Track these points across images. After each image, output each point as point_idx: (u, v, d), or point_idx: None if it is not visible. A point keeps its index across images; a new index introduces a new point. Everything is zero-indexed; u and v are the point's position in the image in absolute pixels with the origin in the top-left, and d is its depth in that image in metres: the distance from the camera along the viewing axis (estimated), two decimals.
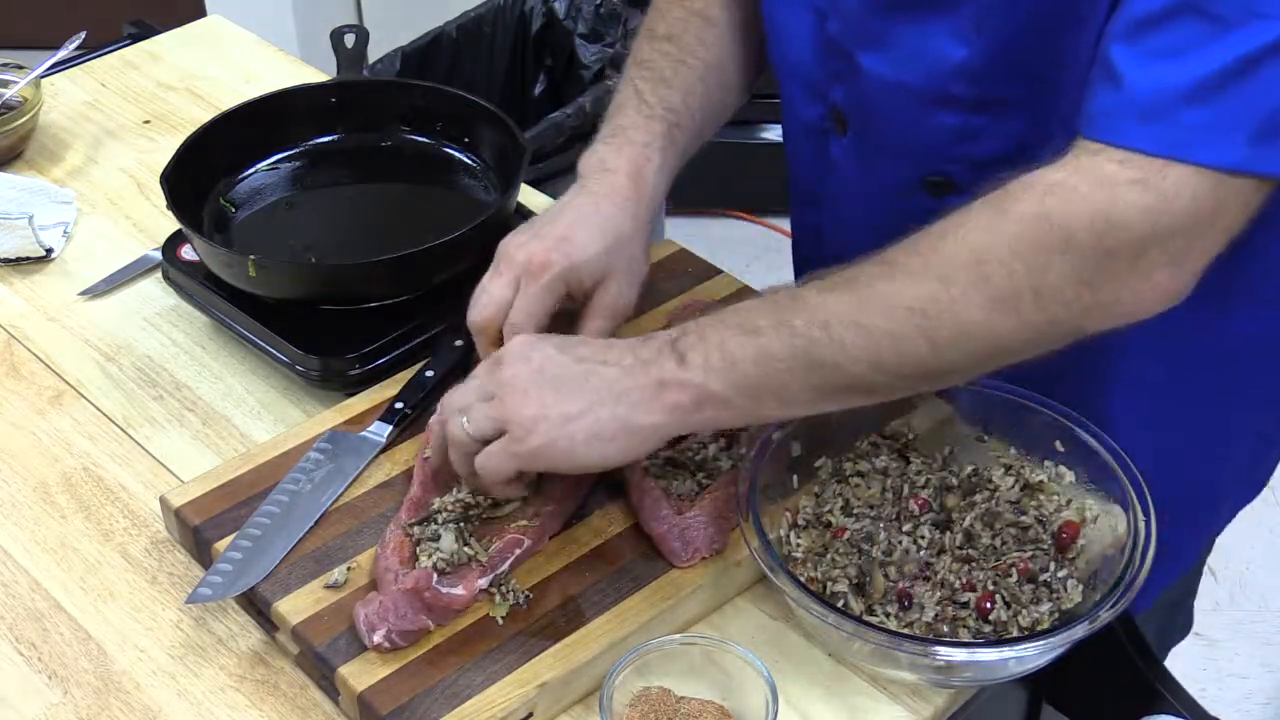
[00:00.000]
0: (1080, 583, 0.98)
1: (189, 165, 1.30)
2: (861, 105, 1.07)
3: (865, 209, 1.13)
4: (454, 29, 2.22)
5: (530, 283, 1.05)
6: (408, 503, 1.04)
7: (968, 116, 1.02)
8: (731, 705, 0.95)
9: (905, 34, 1.01)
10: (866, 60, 1.04)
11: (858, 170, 1.11)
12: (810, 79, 1.11)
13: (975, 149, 1.03)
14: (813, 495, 1.05)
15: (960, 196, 1.01)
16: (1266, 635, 2.29)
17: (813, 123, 1.14)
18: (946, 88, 1.01)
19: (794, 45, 1.12)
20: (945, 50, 0.99)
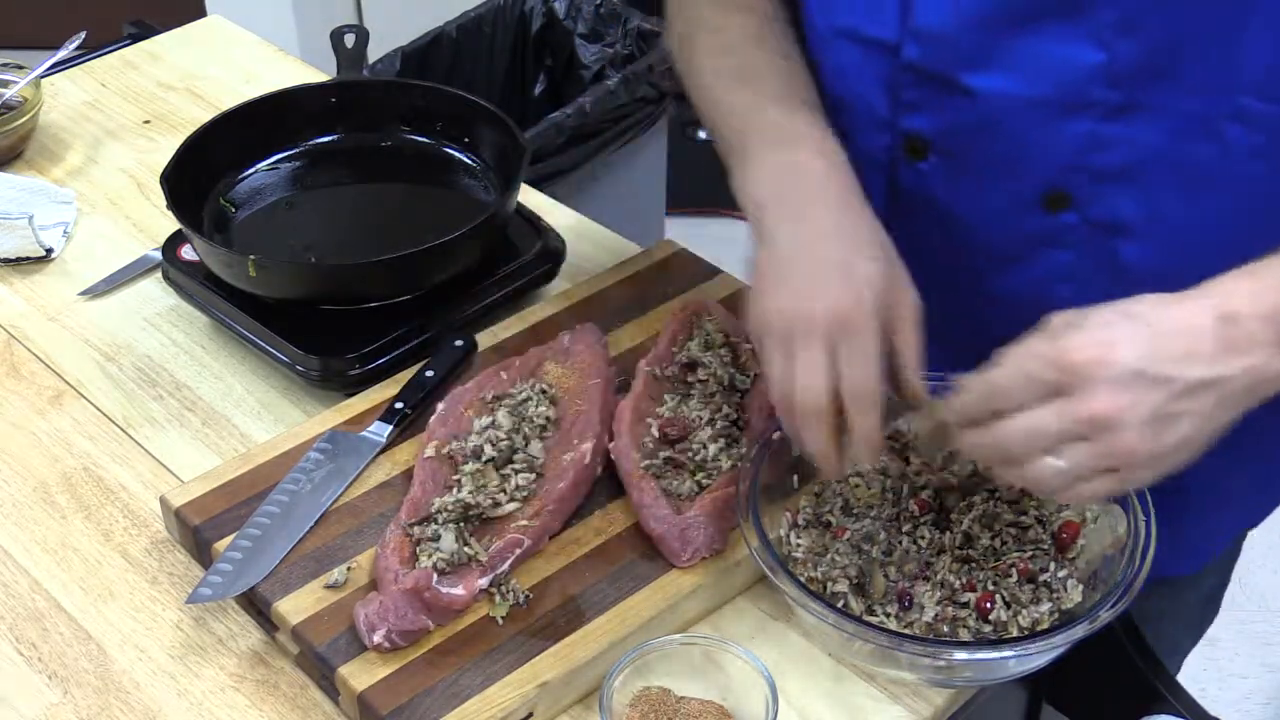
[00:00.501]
0: (1080, 583, 0.98)
1: (189, 165, 1.30)
2: (958, 128, 1.01)
3: (946, 232, 1.07)
4: (454, 29, 2.22)
5: (852, 337, 0.91)
6: (408, 503, 1.04)
7: (1097, 124, 0.96)
8: (731, 705, 0.95)
9: (1024, 46, 0.95)
10: (973, 80, 0.97)
11: (945, 194, 1.05)
12: (871, 112, 1.05)
13: (1101, 159, 0.98)
14: (812, 495, 1.05)
15: (1074, 212, 1.00)
16: (1266, 635, 2.29)
17: (874, 154, 1.07)
18: (1078, 95, 0.95)
19: (851, 80, 1.06)
20: (1077, 56, 0.94)
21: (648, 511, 1.02)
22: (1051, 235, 1.02)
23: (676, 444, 1.08)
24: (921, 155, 1.05)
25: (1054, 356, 0.82)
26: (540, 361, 1.16)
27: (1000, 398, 0.84)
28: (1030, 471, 0.84)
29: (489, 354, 1.20)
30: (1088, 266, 1.03)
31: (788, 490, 1.04)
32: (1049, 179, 1.00)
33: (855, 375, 0.91)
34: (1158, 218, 0.99)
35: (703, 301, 1.22)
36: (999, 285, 1.07)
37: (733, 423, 1.09)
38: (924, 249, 1.05)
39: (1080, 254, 1.03)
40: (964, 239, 1.07)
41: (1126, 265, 1.02)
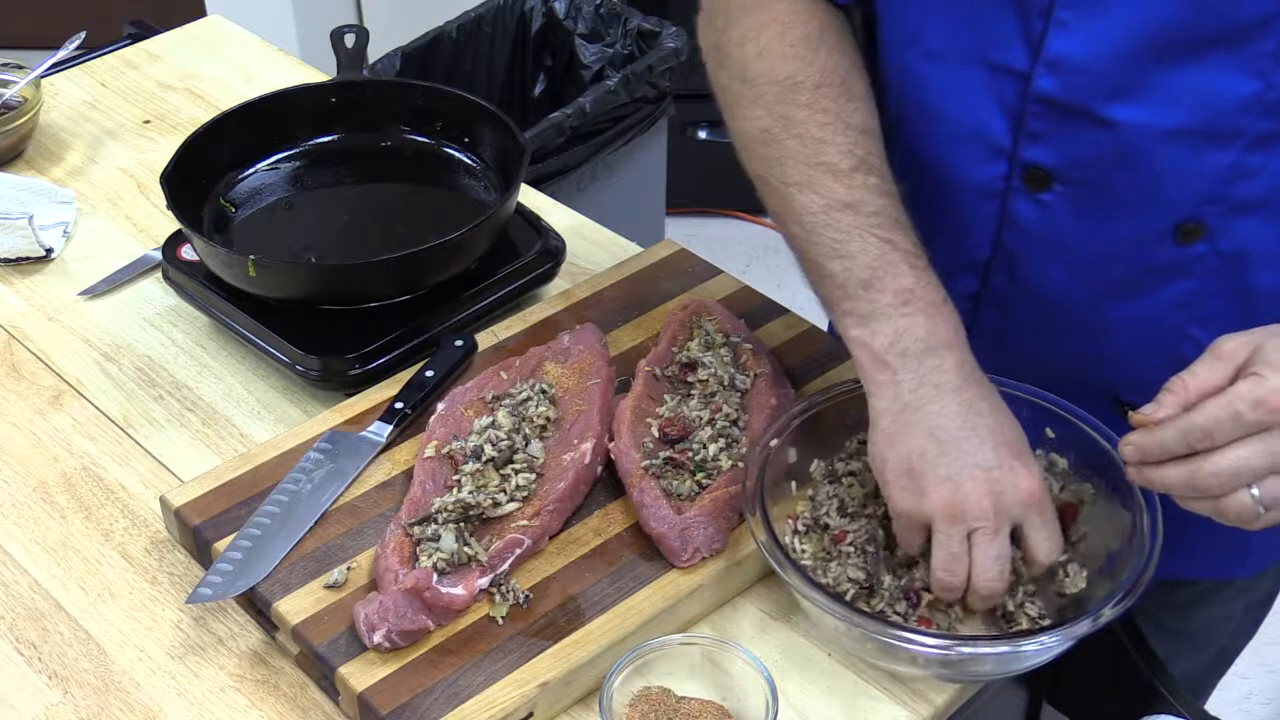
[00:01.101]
0: (1084, 567, 0.98)
1: (189, 165, 1.30)
2: (1091, 159, 1.00)
3: (1067, 266, 1.05)
4: (454, 29, 2.22)
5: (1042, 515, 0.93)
6: (408, 503, 1.04)
7: (1243, 155, 0.96)
8: (731, 705, 0.95)
9: (1175, 77, 0.94)
10: (1114, 112, 0.96)
11: (1068, 226, 1.03)
12: (988, 141, 1.03)
13: (1240, 189, 0.97)
14: (808, 500, 1.05)
15: (1206, 243, 1.00)
16: (1267, 635, 2.28)
17: (987, 184, 1.05)
18: (1229, 124, 0.95)
19: (963, 108, 1.03)
20: (1232, 86, 0.93)
21: (648, 511, 1.02)
22: (1179, 266, 1.01)
23: (676, 444, 1.08)
24: (1044, 186, 1.02)
25: (1267, 400, 0.84)
26: (540, 361, 1.16)
27: (1203, 438, 0.85)
28: (1227, 504, 0.86)
29: (489, 354, 1.20)
30: (1210, 295, 1.03)
31: (785, 496, 1.04)
32: (1186, 211, 0.99)
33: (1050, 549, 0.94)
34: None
35: (703, 301, 1.22)
36: (1115, 314, 1.06)
37: (733, 423, 1.09)
38: (1035, 279, 1.04)
39: (1204, 283, 1.02)
40: (1083, 271, 1.05)
41: (1252, 293, 1.02)
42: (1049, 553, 0.94)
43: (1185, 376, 0.87)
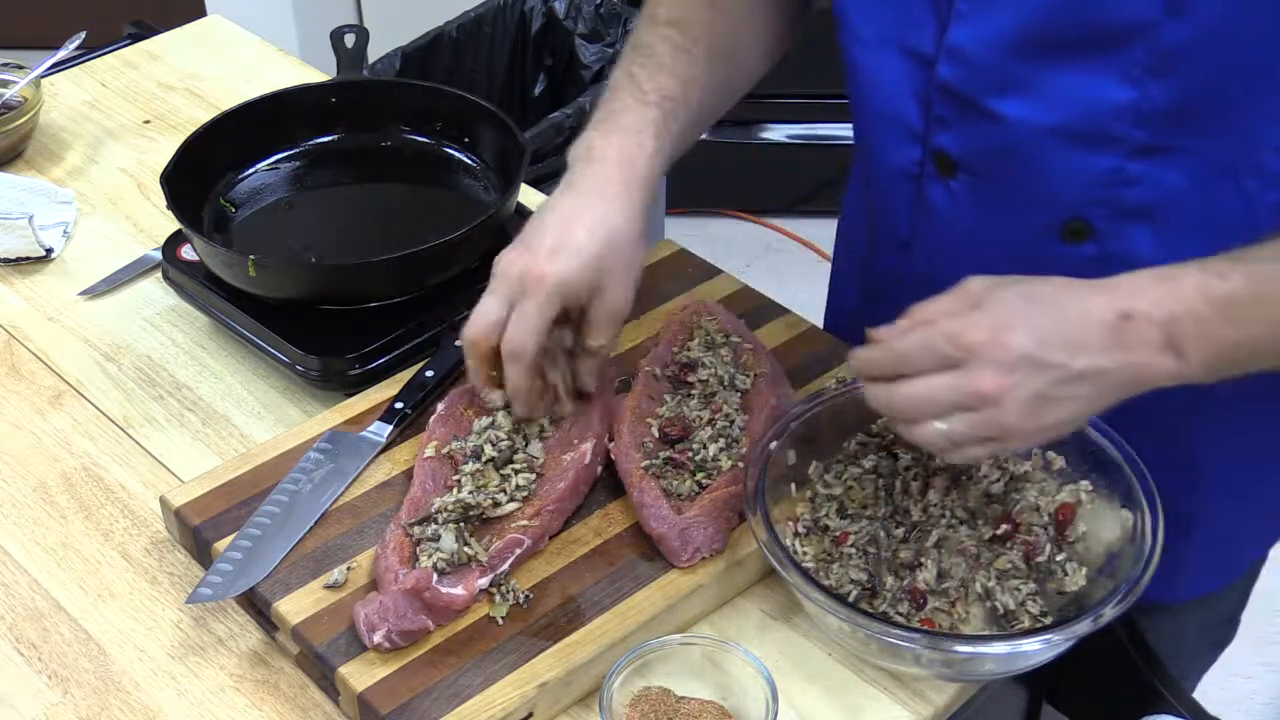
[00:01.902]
0: (1083, 565, 0.99)
1: (189, 165, 1.30)
2: (985, 151, 1.03)
3: (970, 253, 1.06)
4: (454, 29, 2.22)
5: (524, 301, 1.02)
6: (408, 503, 1.03)
7: (1124, 161, 0.97)
8: (731, 705, 0.95)
9: (1055, 76, 0.96)
10: (1001, 106, 0.99)
11: (970, 214, 1.07)
12: (903, 124, 1.06)
13: (1126, 194, 0.99)
14: (808, 501, 1.05)
15: (1095, 245, 1.01)
16: (1268, 635, 2.29)
17: (905, 167, 1.09)
18: (1104, 130, 0.96)
19: (885, 91, 1.07)
20: (1107, 92, 0.95)
21: (648, 511, 1.02)
22: (1069, 266, 1.01)
23: (676, 444, 1.08)
24: (951, 173, 1.05)
25: (955, 334, 0.88)
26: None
27: (902, 363, 0.90)
28: (918, 431, 0.90)
29: None
30: None
31: (786, 498, 1.04)
32: (1069, 209, 1.01)
33: (513, 330, 1.02)
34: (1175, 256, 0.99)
35: (703, 301, 1.22)
36: None
37: (733, 423, 1.09)
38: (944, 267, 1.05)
39: None
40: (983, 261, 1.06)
41: None
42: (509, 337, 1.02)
43: (924, 304, 0.91)
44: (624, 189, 1.05)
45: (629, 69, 1.10)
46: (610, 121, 1.08)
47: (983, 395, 0.86)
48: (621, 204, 1.05)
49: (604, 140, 1.07)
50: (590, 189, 1.05)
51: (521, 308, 1.02)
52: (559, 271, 1.01)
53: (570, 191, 1.06)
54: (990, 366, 0.86)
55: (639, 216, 1.06)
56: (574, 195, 1.05)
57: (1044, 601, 0.98)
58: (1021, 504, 1.02)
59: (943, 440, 0.89)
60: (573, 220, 1.03)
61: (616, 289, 1.04)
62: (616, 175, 1.05)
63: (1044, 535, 1.00)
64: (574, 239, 1.02)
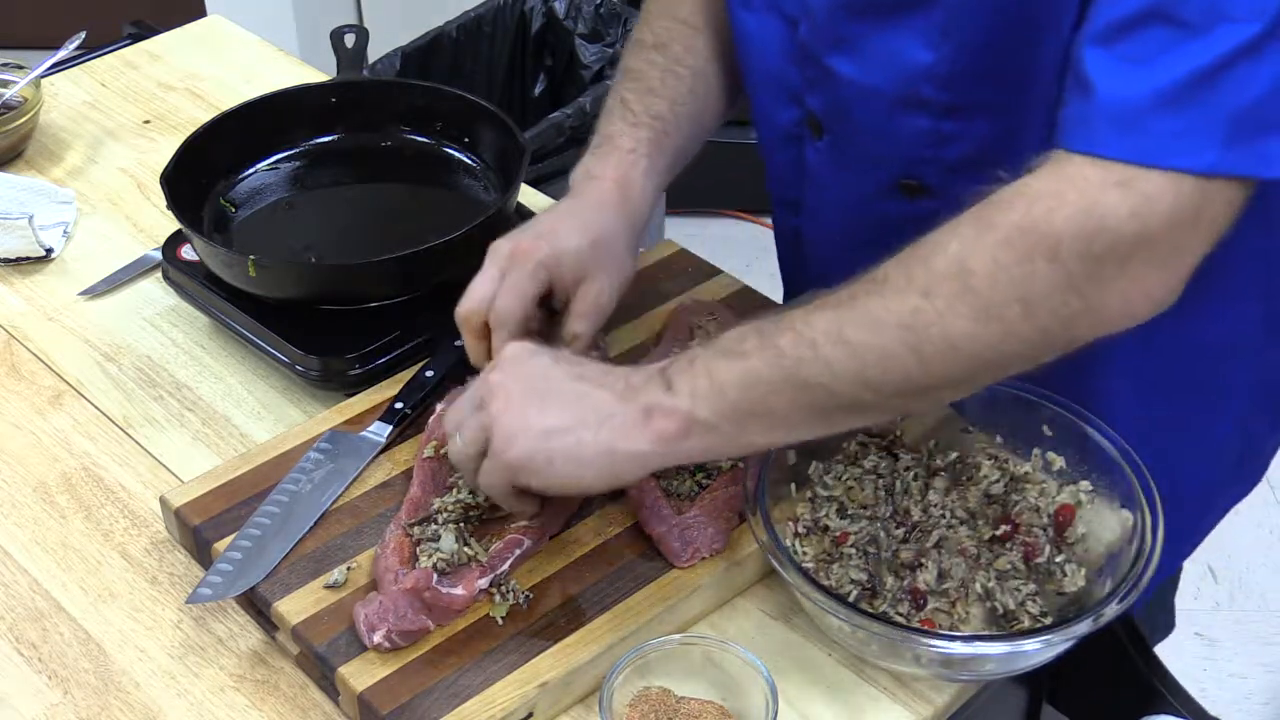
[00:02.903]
0: (1082, 566, 0.99)
1: (189, 165, 1.30)
2: (835, 110, 1.08)
3: (841, 213, 1.14)
4: (454, 29, 2.22)
5: (513, 269, 1.05)
6: (408, 503, 1.04)
7: (937, 121, 1.02)
8: (731, 705, 0.95)
9: (874, 38, 1.01)
10: (837, 64, 1.04)
11: (834, 174, 1.12)
12: (784, 84, 1.11)
13: (946, 152, 1.03)
14: (808, 502, 1.05)
15: (934, 200, 1.04)
16: (1266, 635, 2.29)
17: (787, 128, 1.14)
18: (916, 92, 1.01)
19: (765, 52, 1.11)
20: (914, 54, 0.99)
21: (648, 511, 1.02)
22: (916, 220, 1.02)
23: None
24: (819, 133, 1.10)
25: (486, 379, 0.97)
26: None
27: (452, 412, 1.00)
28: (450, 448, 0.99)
29: None
30: None
31: (786, 498, 1.04)
32: (902, 167, 1.05)
33: (501, 298, 1.05)
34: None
35: (703, 301, 1.22)
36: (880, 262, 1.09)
37: None
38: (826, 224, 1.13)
39: None
40: (851, 218, 1.12)
41: None
42: (500, 302, 1.05)
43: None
44: (620, 202, 1.10)
45: (620, 94, 1.16)
46: (606, 145, 1.13)
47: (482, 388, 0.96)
48: (615, 213, 1.09)
49: (600, 163, 1.12)
50: (586, 199, 1.10)
51: (509, 277, 1.05)
52: (547, 247, 1.05)
53: (567, 200, 1.11)
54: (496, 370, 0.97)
55: (632, 229, 1.10)
56: (569, 202, 1.11)
57: (1044, 602, 0.98)
58: (1021, 505, 1.02)
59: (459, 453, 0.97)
60: (565, 218, 1.08)
61: (602, 283, 1.07)
62: (613, 189, 1.10)
63: (1043, 536, 1.01)
64: (564, 230, 1.07)
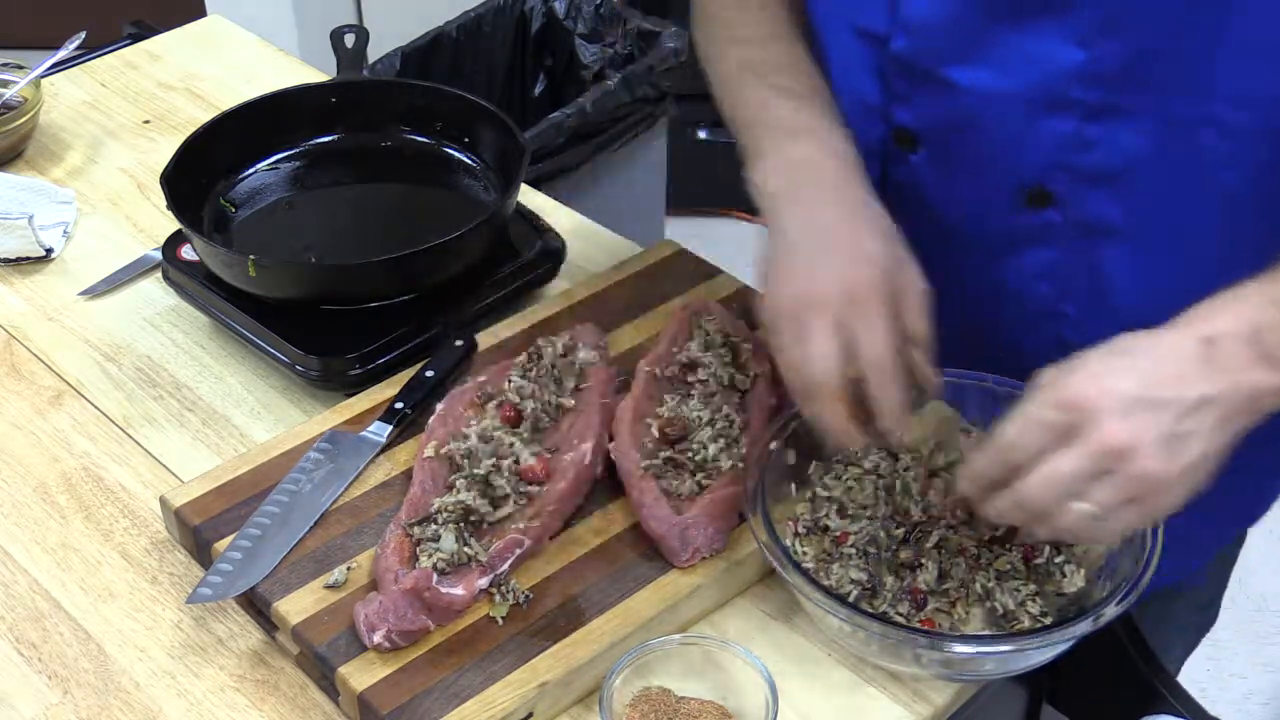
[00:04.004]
0: (1081, 567, 0.99)
1: (189, 165, 1.30)
2: (944, 122, 1.03)
3: (937, 226, 1.07)
4: (454, 29, 2.22)
5: (864, 316, 0.93)
6: (408, 503, 1.03)
7: (1079, 124, 0.97)
8: (731, 705, 0.95)
9: (1007, 41, 0.96)
10: (956, 74, 0.99)
11: (934, 187, 1.07)
12: (866, 102, 1.07)
13: (1083, 159, 0.98)
14: (808, 502, 1.05)
15: (1057, 211, 1.01)
16: (1266, 635, 2.30)
17: (871, 145, 1.08)
18: (1058, 93, 0.96)
19: (845, 71, 1.07)
20: (1058, 54, 0.94)
21: (648, 511, 1.02)
22: (1034, 233, 1.03)
23: (676, 444, 1.08)
24: (911, 147, 1.06)
25: (1056, 399, 0.84)
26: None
27: (1013, 451, 0.85)
28: (1061, 521, 0.85)
29: (489, 354, 1.20)
30: (1070, 265, 1.04)
31: (786, 498, 1.04)
32: (1031, 176, 1.01)
33: (871, 348, 0.93)
34: (1140, 221, 1.00)
35: (703, 301, 1.22)
36: (983, 280, 1.08)
37: (733, 423, 1.09)
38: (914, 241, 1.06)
39: (1063, 252, 1.03)
40: (950, 233, 1.08)
41: (1108, 266, 1.03)
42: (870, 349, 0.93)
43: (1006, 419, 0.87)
44: (860, 184, 1.02)
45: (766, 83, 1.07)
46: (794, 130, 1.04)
47: (1114, 449, 0.82)
48: (868, 197, 1.01)
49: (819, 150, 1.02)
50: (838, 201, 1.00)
51: (864, 323, 0.94)
52: (878, 273, 0.96)
53: (814, 205, 1.00)
54: (1108, 416, 0.82)
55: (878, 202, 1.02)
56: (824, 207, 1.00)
57: (1043, 602, 0.98)
58: None
59: (1088, 519, 0.84)
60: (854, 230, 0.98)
61: (915, 274, 0.99)
62: (848, 174, 1.01)
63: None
64: (869, 246, 0.97)
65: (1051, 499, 0.84)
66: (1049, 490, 0.84)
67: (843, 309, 0.93)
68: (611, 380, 1.14)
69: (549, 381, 1.12)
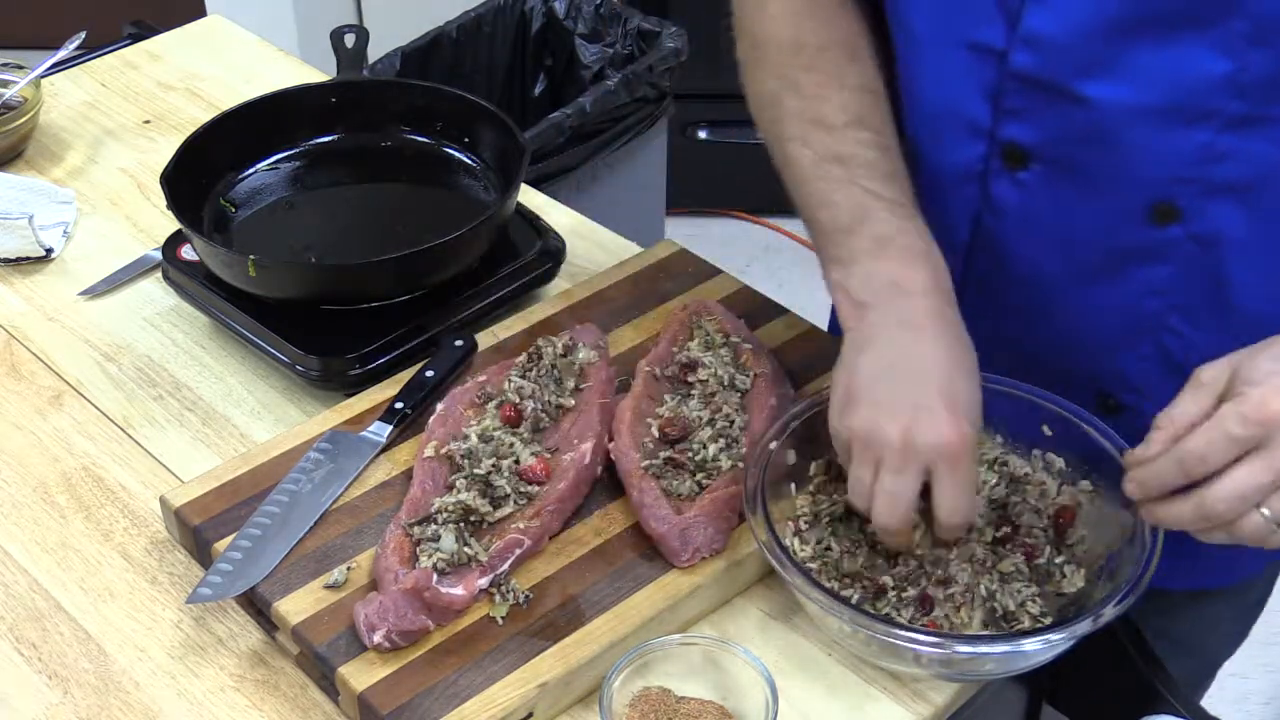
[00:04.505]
0: (1081, 567, 0.99)
1: (189, 165, 1.30)
2: (1067, 136, 1.00)
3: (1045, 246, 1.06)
4: (454, 29, 2.22)
5: (954, 469, 0.93)
6: (408, 503, 1.04)
7: (1216, 136, 0.95)
8: (731, 705, 0.95)
9: (1148, 55, 0.94)
10: (1087, 88, 0.96)
11: (1046, 206, 1.04)
12: (968, 120, 1.04)
13: (1214, 171, 0.97)
14: (809, 495, 1.05)
15: (1180, 226, 0.99)
16: (1266, 635, 2.29)
17: (967, 166, 1.06)
18: (1201, 104, 0.94)
19: (945, 89, 1.04)
20: (1205, 65, 0.92)
21: (648, 511, 1.02)
22: (1153, 249, 1.01)
23: (676, 444, 1.08)
24: (1021, 165, 1.03)
25: (1252, 414, 0.84)
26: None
27: (1198, 463, 0.86)
28: (1241, 528, 0.86)
29: (489, 354, 1.20)
30: (1187, 283, 1.02)
31: (784, 495, 1.04)
32: (1159, 191, 0.99)
33: (955, 507, 0.94)
34: (1264, 234, 0.98)
35: (703, 301, 1.22)
36: (1094, 299, 1.06)
37: (733, 423, 1.09)
38: (1015, 261, 1.04)
39: (1179, 268, 1.01)
40: (1059, 251, 1.05)
41: (1226, 282, 1.01)
42: (952, 511, 0.93)
43: (1170, 411, 0.88)
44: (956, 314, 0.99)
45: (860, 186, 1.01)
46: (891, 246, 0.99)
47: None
48: (959, 331, 0.98)
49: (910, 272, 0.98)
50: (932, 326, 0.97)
51: (952, 478, 0.93)
52: (971, 424, 0.94)
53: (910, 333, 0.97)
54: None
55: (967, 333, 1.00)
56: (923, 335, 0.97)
57: (1044, 603, 0.98)
58: (1021, 506, 1.02)
59: (1268, 526, 0.85)
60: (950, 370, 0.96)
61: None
62: (941, 304, 0.98)
63: (1044, 538, 1.01)
64: (961, 390, 0.95)
65: (1236, 510, 0.85)
66: (1238, 503, 0.85)
67: (934, 461, 0.93)
68: (611, 380, 1.14)
69: (549, 381, 1.12)
